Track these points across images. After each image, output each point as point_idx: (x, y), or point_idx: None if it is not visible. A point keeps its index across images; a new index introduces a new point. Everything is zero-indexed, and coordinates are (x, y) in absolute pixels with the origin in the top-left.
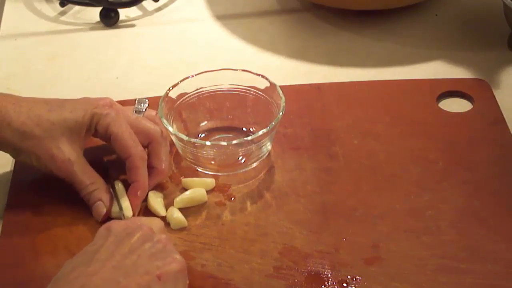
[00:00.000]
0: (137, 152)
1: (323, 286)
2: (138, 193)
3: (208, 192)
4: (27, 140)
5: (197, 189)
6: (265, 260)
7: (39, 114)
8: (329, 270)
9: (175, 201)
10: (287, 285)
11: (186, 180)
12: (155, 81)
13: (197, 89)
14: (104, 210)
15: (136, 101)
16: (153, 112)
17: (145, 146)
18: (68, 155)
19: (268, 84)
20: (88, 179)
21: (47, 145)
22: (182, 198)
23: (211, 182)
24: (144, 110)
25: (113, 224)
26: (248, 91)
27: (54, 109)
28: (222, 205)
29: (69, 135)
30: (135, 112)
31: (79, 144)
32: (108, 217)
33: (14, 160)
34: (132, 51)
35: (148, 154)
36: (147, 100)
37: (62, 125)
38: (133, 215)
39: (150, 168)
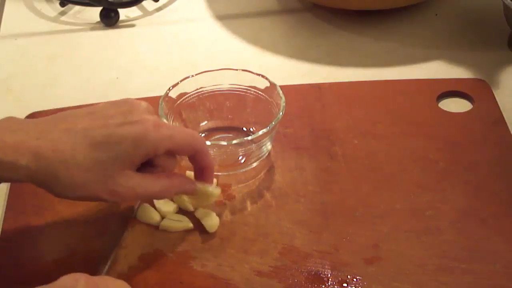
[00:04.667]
0: (201, 142)
1: (323, 286)
2: (213, 174)
3: None
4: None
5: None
6: (265, 260)
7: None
8: (329, 270)
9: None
10: (287, 285)
11: (191, 174)
12: (155, 81)
13: (197, 89)
14: (192, 186)
15: None
16: None
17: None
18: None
19: (268, 84)
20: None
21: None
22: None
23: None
24: None
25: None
26: (248, 91)
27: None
28: (222, 205)
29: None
30: None
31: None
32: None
33: None
34: (132, 51)
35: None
36: None
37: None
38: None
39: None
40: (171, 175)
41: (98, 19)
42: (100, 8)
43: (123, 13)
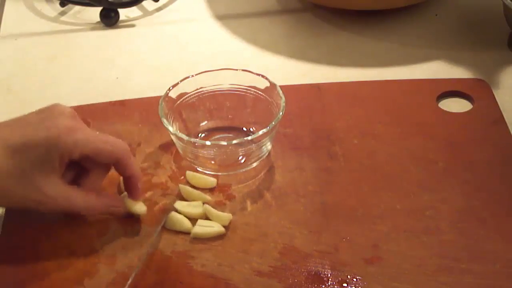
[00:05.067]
0: (123, 149)
1: (323, 286)
2: (139, 185)
3: (208, 191)
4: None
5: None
6: (265, 260)
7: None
8: (329, 270)
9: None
10: (287, 285)
11: (189, 173)
12: (155, 81)
13: (197, 89)
14: (121, 211)
15: None
16: None
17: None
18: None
19: (268, 84)
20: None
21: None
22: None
23: (213, 180)
24: None
25: None
26: (248, 91)
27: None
28: (222, 205)
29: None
30: None
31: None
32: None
33: None
34: (132, 51)
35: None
36: None
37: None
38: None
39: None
40: (100, 193)
41: (98, 19)
42: (100, 8)
43: (123, 13)
